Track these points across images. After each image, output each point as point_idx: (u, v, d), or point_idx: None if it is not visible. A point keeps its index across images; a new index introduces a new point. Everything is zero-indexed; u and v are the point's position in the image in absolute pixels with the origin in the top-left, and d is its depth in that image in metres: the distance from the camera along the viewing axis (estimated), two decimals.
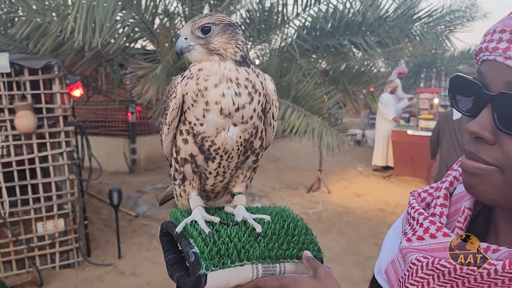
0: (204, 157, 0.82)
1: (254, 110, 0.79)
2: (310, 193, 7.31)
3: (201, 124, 0.78)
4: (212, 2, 5.30)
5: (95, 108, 9.20)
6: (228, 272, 0.74)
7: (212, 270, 0.73)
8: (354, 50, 6.06)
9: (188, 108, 0.80)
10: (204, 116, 0.78)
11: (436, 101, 8.65)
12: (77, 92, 4.45)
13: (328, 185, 7.53)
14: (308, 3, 5.51)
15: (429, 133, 5.74)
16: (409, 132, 8.16)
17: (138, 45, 5.65)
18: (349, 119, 17.57)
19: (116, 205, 4.68)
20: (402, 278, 0.71)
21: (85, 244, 4.72)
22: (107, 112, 9.04)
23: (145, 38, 5.13)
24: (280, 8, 5.64)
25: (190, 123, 0.80)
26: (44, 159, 4.38)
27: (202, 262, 0.73)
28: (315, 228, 5.61)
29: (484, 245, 0.63)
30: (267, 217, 0.84)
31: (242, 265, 0.75)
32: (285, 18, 5.66)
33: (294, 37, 5.68)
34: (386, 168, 8.96)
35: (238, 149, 0.81)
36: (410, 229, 0.74)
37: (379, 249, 0.87)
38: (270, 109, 0.86)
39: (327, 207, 6.57)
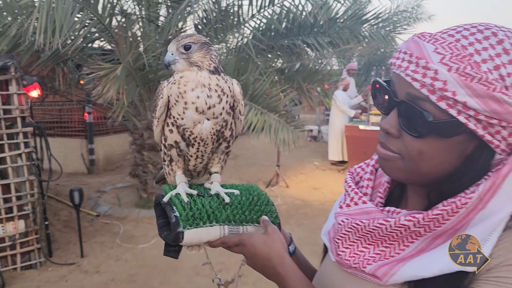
0: (186, 143, 1.04)
1: (223, 108, 1.01)
2: (269, 188, 7.55)
3: (182, 119, 1.00)
4: (169, 3, 5.42)
5: (50, 108, 9.02)
6: (201, 231, 0.97)
7: (188, 228, 0.95)
8: (307, 49, 6.36)
9: (172, 106, 1.02)
10: (184, 112, 1.00)
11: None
12: (35, 93, 4.45)
13: (286, 180, 7.81)
14: (263, 5, 5.75)
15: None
16: (361, 127, 8.59)
17: (95, 45, 5.67)
18: (305, 115, 18.03)
19: (78, 204, 4.72)
20: (333, 236, 0.93)
21: (46, 245, 4.72)
22: (62, 113, 8.90)
23: (103, 39, 5.17)
24: (235, 9, 5.84)
25: (174, 117, 1.02)
26: (2, 160, 4.35)
27: (181, 223, 0.95)
28: None
29: (392, 208, 0.85)
30: (236, 191, 1.07)
31: (211, 226, 0.97)
32: (241, 19, 5.87)
33: (250, 37, 5.89)
34: (342, 162, 9.36)
35: (212, 137, 1.04)
36: (343, 199, 0.95)
37: None
38: (237, 106, 1.08)
39: (286, 201, 6.84)
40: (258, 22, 5.99)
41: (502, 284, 0.66)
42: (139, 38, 5.02)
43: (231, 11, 5.87)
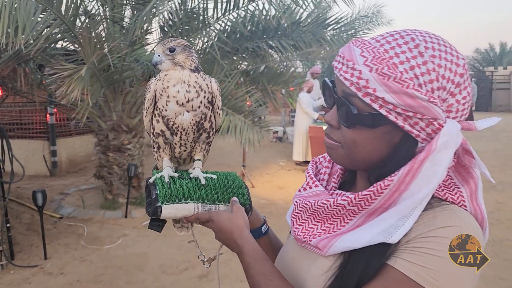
0: (170, 132, 1.19)
1: (201, 102, 1.16)
2: None
3: (166, 110, 1.15)
4: (134, 5, 5.44)
5: (9, 110, 8.77)
6: (176, 206, 1.11)
7: (165, 204, 1.10)
8: (272, 52, 6.52)
9: (158, 99, 1.17)
10: (167, 104, 1.15)
11: None
12: None
13: (252, 180, 7.95)
14: (227, 8, 5.86)
15: None
16: (325, 128, 8.83)
17: (58, 45, 5.61)
18: (271, 117, 18.20)
19: (41, 206, 4.66)
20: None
21: (8, 248, 4.64)
22: (23, 114, 8.67)
23: (66, 39, 5.13)
24: (201, 12, 5.92)
25: (159, 109, 1.17)
26: None
27: (160, 199, 1.10)
28: None
29: (338, 191, 0.97)
30: (214, 176, 1.21)
31: (186, 203, 1.12)
32: (206, 21, 5.95)
33: (215, 39, 5.99)
34: (306, 162, 9.58)
35: (192, 128, 1.18)
36: (302, 184, 1.09)
37: None
38: (215, 102, 1.22)
39: (251, 200, 6.96)
40: (223, 25, 6.10)
41: (415, 252, 0.78)
42: (103, 39, 5.02)
43: (197, 13, 5.94)
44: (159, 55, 1.15)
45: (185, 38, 6.10)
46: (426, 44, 0.82)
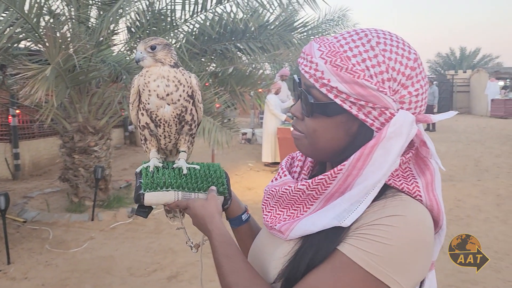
0: (154, 124, 1.26)
1: (180, 95, 1.23)
2: None
3: (148, 103, 1.22)
4: (100, 5, 5.38)
5: None
6: (157, 194, 1.17)
7: (147, 191, 1.17)
8: (240, 54, 6.58)
9: (141, 94, 1.24)
10: (149, 98, 1.22)
11: None
12: None
13: None
14: (195, 11, 5.88)
15: None
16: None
17: (21, 45, 5.48)
18: (241, 119, 18.23)
19: (3, 209, 4.54)
20: None
21: None
22: None
23: (29, 39, 5.01)
24: (169, 13, 5.92)
25: (143, 103, 1.24)
26: None
27: (142, 186, 1.17)
28: None
29: (302, 178, 1.04)
30: (197, 166, 1.28)
31: (167, 191, 1.18)
32: (174, 23, 5.95)
33: (183, 41, 6.00)
34: (275, 163, 9.68)
35: (174, 120, 1.25)
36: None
37: None
38: (195, 96, 1.29)
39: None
40: (191, 26, 6.12)
41: (361, 238, 0.83)
42: (69, 39, 4.94)
43: (164, 15, 5.93)
44: (141, 53, 1.23)
45: None
46: (379, 39, 0.89)
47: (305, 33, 7.17)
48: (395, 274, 0.80)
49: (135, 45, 6.34)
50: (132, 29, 6.06)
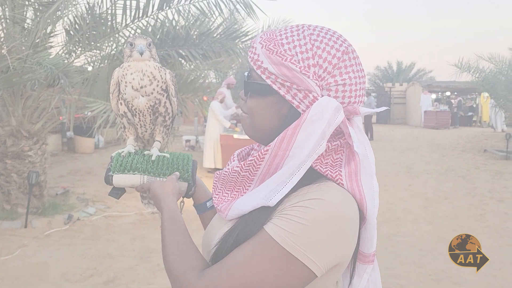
0: (131, 114, 1.37)
1: (154, 89, 1.34)
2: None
3: (125, 94, 1.34)
4: (36, 6, 5.26)
5: None
6: (125, 176, 1.29)
7: (115, 173, 1.29)
8: (182, 60, 6.66)
9: (119, 84, 1.35)
10: (125, 89, 1.33)
11: None
12: None
13: None
14: (137, 15, 5.90)
15: None
16: (235, 136, 9.14)
17: None
18: (185, 127, 18.16)
19: None
20: None
21: None
22: None
23: None
24: (109, 18, 5.89)
25: (121, 93, 1.35)
26: None
27: (112, 169, 1.29)
28: (149, 227, 5.94)
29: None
30: (167, 155, 1.38)
31: (134, 174, 1.29)
32: (115, 27, 5.93)
33: (124, 46, 5.97)
34: (217, 169, 9.75)
35: (148, 110, 1.36)
36: None
37: None
38: (169, 90, 1.39)
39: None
40: (132, 31, 6.12)
41: (283, 218, 0.87)
42: (2, 40, 4.79)
43: (105, 19, 5.89)
44: (143, 46, 1.34)
45: (93, 43, 6.03)
46: (314, 32, 0.99)
47: (248, 42, 7.39)
48: (310, 253, 0.85)
49: (73, 48, 6.24)
50: (71, 32, 5.96)
